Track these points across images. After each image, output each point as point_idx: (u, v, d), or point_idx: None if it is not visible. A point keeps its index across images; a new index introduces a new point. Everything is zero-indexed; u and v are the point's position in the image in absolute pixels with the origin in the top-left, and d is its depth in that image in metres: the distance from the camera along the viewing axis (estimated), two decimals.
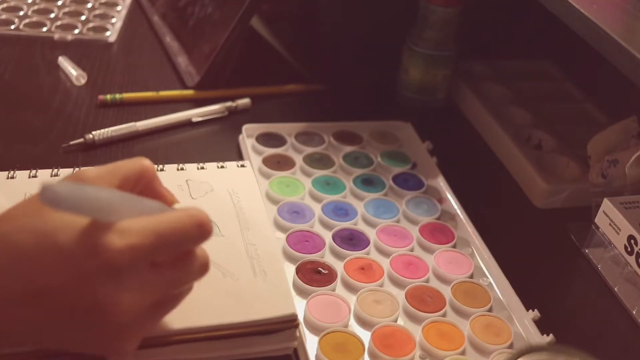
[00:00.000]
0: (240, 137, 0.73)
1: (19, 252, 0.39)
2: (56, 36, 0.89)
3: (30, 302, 0.39)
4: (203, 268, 0.44)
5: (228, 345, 0.49)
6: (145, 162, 0.45)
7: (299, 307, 0.53)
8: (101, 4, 0.98)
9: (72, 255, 0.38)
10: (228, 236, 0.55)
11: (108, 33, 0.91)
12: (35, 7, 0.94)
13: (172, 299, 0.44)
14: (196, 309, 0.48)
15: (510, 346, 0.54)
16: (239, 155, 0.72)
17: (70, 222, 0.39)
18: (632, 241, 0.59)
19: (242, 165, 0.64)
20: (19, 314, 0.40)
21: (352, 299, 0.56)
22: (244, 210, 0.58)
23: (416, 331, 0.54)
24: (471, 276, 0.61)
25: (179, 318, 0.47)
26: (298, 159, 0.71)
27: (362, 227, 0.64)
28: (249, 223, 0.57)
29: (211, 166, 0.63)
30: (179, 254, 0.42)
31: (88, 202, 0.38)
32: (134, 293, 0.39)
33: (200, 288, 0.49)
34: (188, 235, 0.41)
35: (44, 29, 0.90)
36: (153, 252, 0.40)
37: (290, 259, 0.59)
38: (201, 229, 0.41)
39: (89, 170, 0.42)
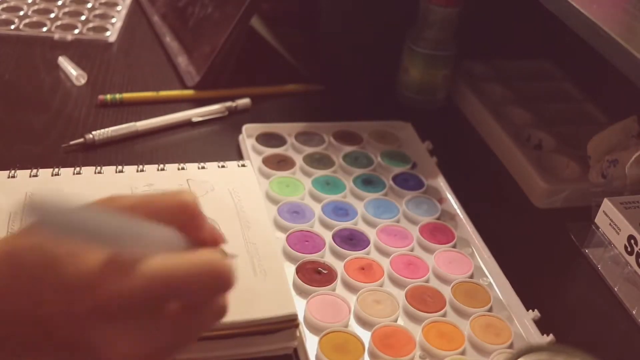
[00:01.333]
0: (240, 137, 0.73)
1: (22, 271, 0.35)
2: (56, 36, 0.89)
3: (17, 326, 0.35)
4: (220, 312, 0.38)
5: (228, 345, 0.49)
6: (185, 196, 0.38)
7: (299, 307, 0.53)
8: (101, 4, 0.98)
9: (70, 289, 0.34)
10: (228, 235, 0.54)
11: (108, 33, 0.91)
12: (35, 7, 0.94)
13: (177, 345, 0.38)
14: None
15: (511, 346, 0.54)
16: (239, 155, 0.72)
17: (78, 253, 0.34)
18: (632, 241, 0.59)
19: (243, 165, 0.64)
20: (7, 332, 0.35)
21: (352, 299, 0.56)
22: (244, 210, 0.58)
23: (416, 331, 0.54)
24: (471, 276, 0.61)
25: None
26: (298, 159, 0.71)
27: (362, 227, 0.64)
28: (250, 222, 0.57)
29: (212, 166, 0.63)
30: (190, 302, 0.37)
31: (82, 227, 0.33)
32: (131, 339, 0.34)
33: None
34: (203, 286, 0.35)
35: (44, 29, 0.90)
36: (158, 300, 0.35)
37: (290, 259, 0.59)
38: (218, 281, 0.35)
39: (123, 199, 0.37)
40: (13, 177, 0.59)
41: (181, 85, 0.82)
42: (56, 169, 0.60)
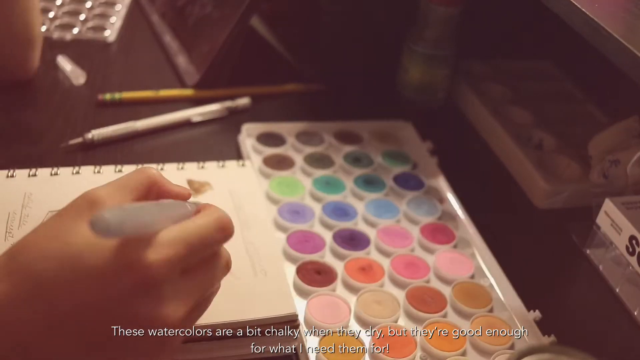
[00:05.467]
0: (240, 136, 0.73)
1: (41, 281, 0.38)
2: (55, 35, 0.88)
3: (57, 330, 0.38)
4: (227, 265, 0.45)
5: (228, 345, 0.49)
6: (150, 170, 0.44)
7: (299, 307, 0.53)
8: (100, 3, 0.98)
9: (104, 275, 0.37)
10: None
11: (107, 32, 0.91)
12: None
13: (205, 300, 0.44)
14: None
15: (512, 347, 0.54)
16: (239, 155, 0.72)
17: (94, 242, 0.38)
18: (634, 241, 0.59)
19: (243, 165, 0.64)
20: (48, 347, 0.38)
21: (352, 299, 0.56)
22: (244, 210, 0.58)
23: (417, 332, 0.54)
24: (472, 276, 0.60)
25: None
26: (298, 159, 0.71)
27: (362, 227, 0.63)
28: (249, 222, 0.56)
29: (211, 165, 0.63)
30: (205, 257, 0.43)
31: (135, 223, 0.37)
32: (173, 303, 0.39)
33: None
34: (214, 240, 0.42)
35: (43, 29, 0.90)
36: (185, 261, 0.40)
37: (290, 259, 0.59)
38: (225, 232, 0.42)
39: (99, 190, 0.41)
40: (12, 176, 0.59)
41: (181, 84, 0.82)
42: (55, 169, 0.60)
